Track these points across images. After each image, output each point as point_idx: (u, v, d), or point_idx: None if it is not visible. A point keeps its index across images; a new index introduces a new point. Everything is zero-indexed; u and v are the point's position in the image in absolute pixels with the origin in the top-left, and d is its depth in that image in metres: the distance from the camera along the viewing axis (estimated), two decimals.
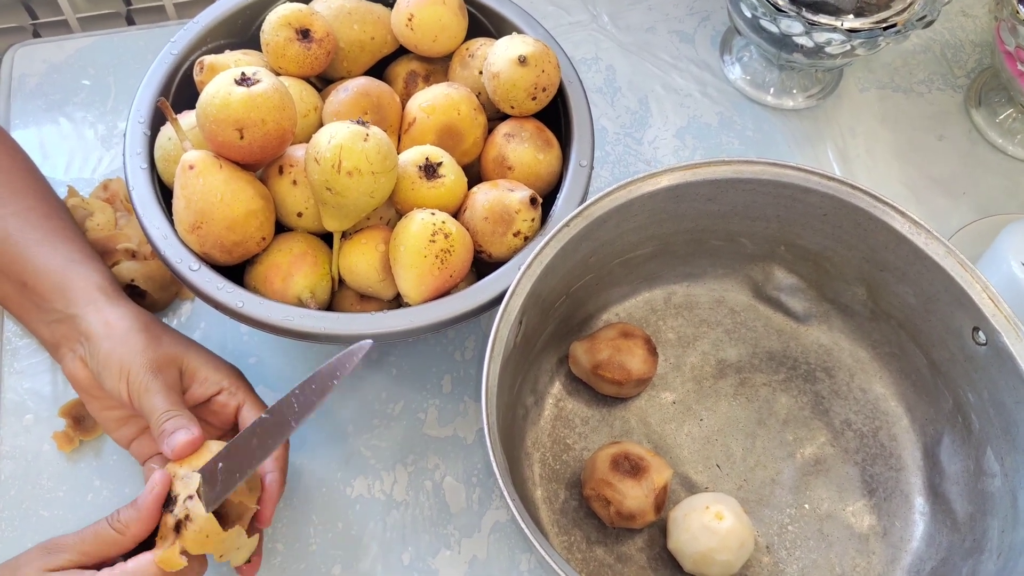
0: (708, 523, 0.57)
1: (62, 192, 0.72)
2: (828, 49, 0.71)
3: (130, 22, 0.85)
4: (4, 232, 0.58)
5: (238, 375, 0.57)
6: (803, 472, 0.64)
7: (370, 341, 0.51)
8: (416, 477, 0.64)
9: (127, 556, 0.49)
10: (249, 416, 0.56)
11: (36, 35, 0.83)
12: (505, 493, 0.48)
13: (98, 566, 0.48)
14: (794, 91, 0.81)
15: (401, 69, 0.66)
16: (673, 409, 0.66)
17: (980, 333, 0.56)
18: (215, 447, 0.52)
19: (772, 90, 0.81)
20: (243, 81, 0.53)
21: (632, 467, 0.58)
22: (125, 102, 0.77)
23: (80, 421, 0.63)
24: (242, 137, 0.53)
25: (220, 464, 0.49)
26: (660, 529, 0.61)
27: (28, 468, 0.62)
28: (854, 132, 0.81)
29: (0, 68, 0.79)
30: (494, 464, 0.49)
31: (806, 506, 0.63)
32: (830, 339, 0.68)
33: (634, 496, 0.58)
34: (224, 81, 0.53)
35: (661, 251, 0.66)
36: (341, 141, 0.53)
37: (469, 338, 0.69)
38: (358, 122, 0.54)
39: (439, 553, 0.61)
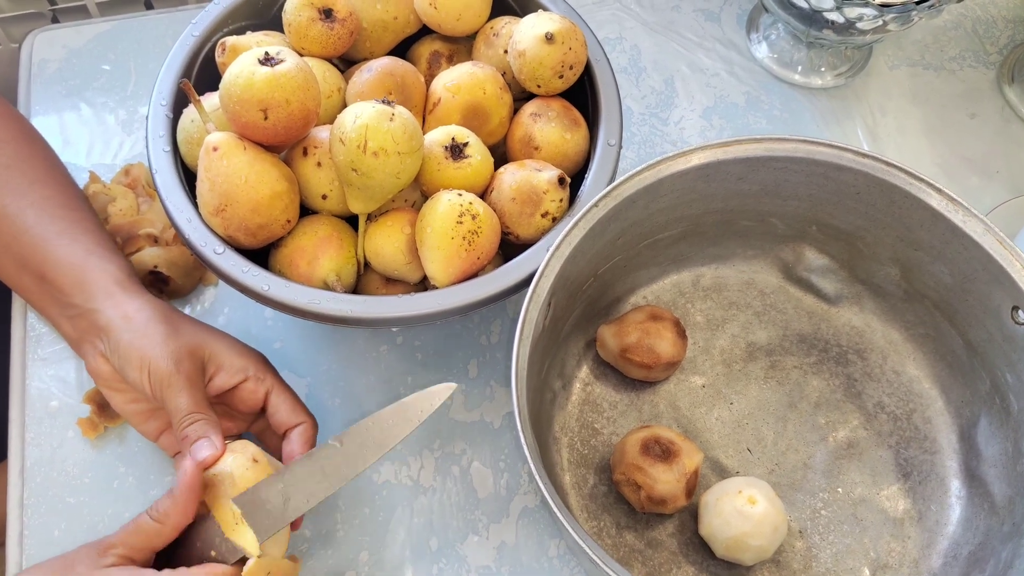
0: (741, 507, 0.56)
1: (83, 178, 0.71)
2: (859, 25, 0.69)
3: (148, 7, 0.84)
4: (24, 224, 0.58)
5: (263, 361, 0.57)
6: (836, 456, 0.63)
7: (454, 385, 0.51)
8: (443, 462, 0.63)
9: (173, 558, 0.49)
10: (278, 403, 0.55)
11: (55, 20, 0.82)
12: (536, 476, 0.48)
13: (149, 562, 0.48)
14: (822, 69, 0.80)
15: (424, 49, 0.65)
16: (703, 393, 0.65)
17: (1020, 312, 0.55)
18: (239, 447, 0.52)
19: (800, 68, 0.80)
20: (267, 61, 0.52)
21: (663, 451, 0.57)
22: (145, 87, 0.77)
23: (104, 408, 0.63)
24: (266, 118, 0.52)
25: (284, 491, 0.49)
26: (691, 514, 0.60)
27: (53, 455, 0.62)
28: (884, 111, 0.79)
29: (20, 54, 0.78)
30: (525, 447, 0.48)
31: (839, 490, 0.62)
32: (862, 321, 0.67)
33: (665, 480, 0.57)
34: (248, 61, 0.52)
35: (690, 232, 0.65)
36: (367, 121, 0.52)
37: (495, 322, 0.68)
38: (383, 102, 0.53)
39: (467, 539, 0.61)
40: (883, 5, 0.66)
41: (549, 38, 0.58)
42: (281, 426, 0.55)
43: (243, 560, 0.48)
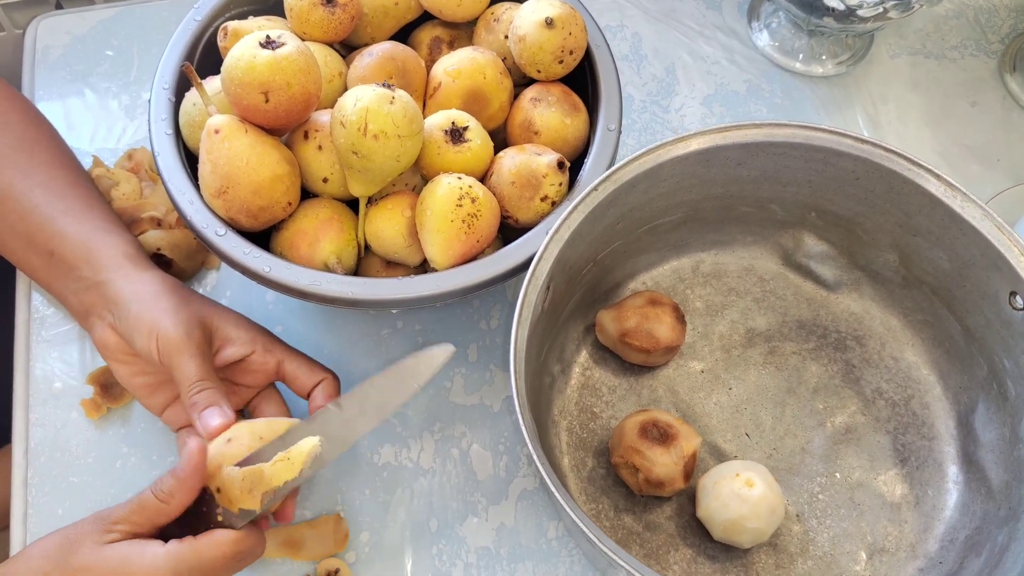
0: (738, 490, 0.56)
1: (87, 162, 0.72)
2: (860, 12, 0.69)
3: None
4: (31, 203, 0.58)
5: (269, 334, 0.57)
6: (834, 441, 0.63)
7: (452, 347, 0.51)
8: (443, 445, 0.63)
9: (178, 523, 0.49)
10: (294, 368, 0.56)
11: (59, 7, 0.83)
12: (535, 457, 0.48)
13: (154, 534, 0.48)
14: (823, 57, 0.80)
15: (425, 35, 0.65)
16: (701, 378, 0.65)
17: (1018, 298, 0.55)
18: (244, 426, 0.52)
19: (801, 57, 0.80)
20: (268, 44, 0.53)
21: (661, 434, 0.58)
22: (148, 73, 0.77)
23: (108, 389, 0.63)
24: (267, 100, 0.53)
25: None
26: (689, 497, 0.61)
27: (57, 435, 0.63)
28: (885, 99, 0.79)
29: (24, 40, 0.79)
30: (523, 428, 0.49)
31: (837, 475, 0.62)
32: (861, 307, 0.67)
33: (663, 463, 0.57)
34: (249, 44, 0.53)
35: (689, 218, 0.65)
36: (367, 104, 0.52)
37: (494, 307, 0.68)
38: (384, 85, 0.53)
39: (466, 520, 0.61)
40: None
41: (549, 23, 0.58)
42: (304, 389, 0.56)
43: (251, 523, 0.49)
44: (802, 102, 0.79)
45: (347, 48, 0.65)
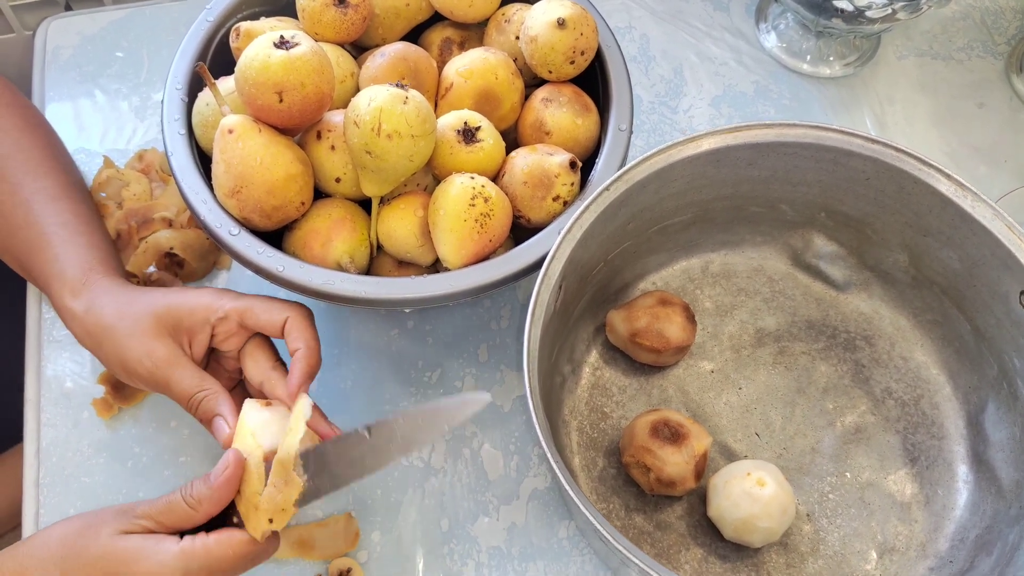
0: (750, 489, 0.56)
1: (97, 163, 0.72)
2: (868, 13, 0.69)
3: None
4: (18, 222, 0.59)
5: (217, 294, 0.55)
6: (843, 440, 0.63)
7: (488, 396, 0.50)
8: (454, 445, 0.63)
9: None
10: (253, 317, 0.53)
11: (68, 8, 0.83)
12: (549, 455, 0.48)
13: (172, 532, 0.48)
14: (831, 59, 0.80)
15: (436, 36, 0.65)
16: (711, 378, 0.66)
17: None
18: (251, 406, 0.51)
19: (808, 58, 0.80)
20: (282, 44, 0.53)
21: (672, 434, 0.58)
22: (158, 74, 0.77)
23: (119, 388, 0.63)
24: (281, 100, 0.53)
25: (312, 471, 0.49)
26: (699, 497, 0.61)
27: (68, 435, 0.63)
28: (892, 100, 0.80)
29: (34, 41, 0.79)
30: (536, 425, 0.49)
31: (847, 474, 0.62)
32: (870, 307, 0.67)
33: (674, 463, 0.57)
34: (263, 44, 0.53)
35: (699, 218, 0.65)
36: (381, 104, 0.52)
37: (505, 307, 0.69)
38: (397, 85, 0.53)
39: (478, 520, 0.61)
40: None
41: (561, 23, 0.58)
42: (275, 331, 0.54)
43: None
44: (810, 103, 0.79)
45: (358, 49, 0.65)
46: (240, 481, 0.48)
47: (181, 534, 0.47)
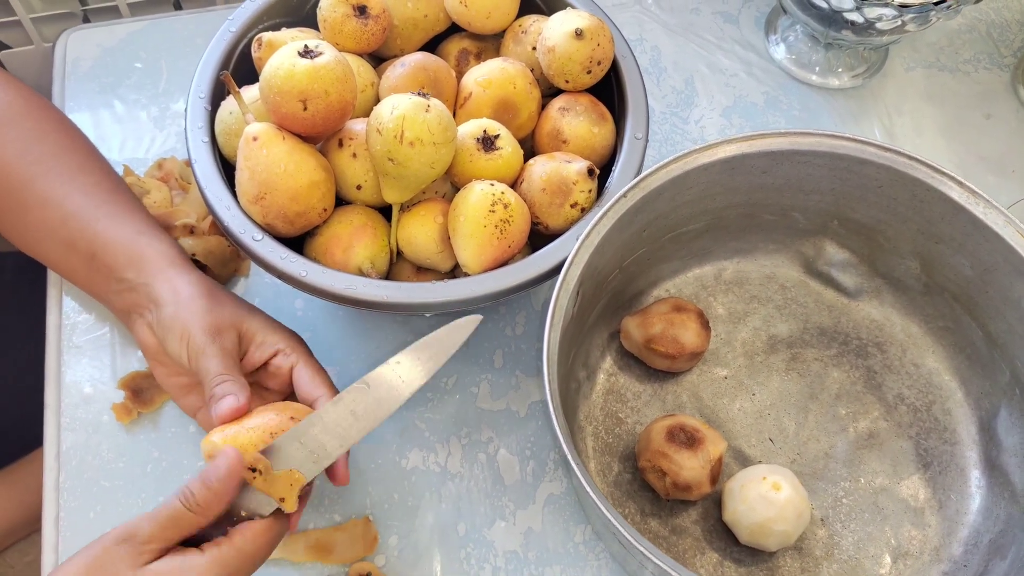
0: (765, 493, 0.57)
1: (118, 172, 0.73)
2: (878, 25, 0.70)
3: (177, 7, 0.86)
4: (71, 208, 0.59)
5: (295, 338, 0.58)
6: (856, 446, 0.64)
7: (479, 317, 0.51)
8: (470, 449, 0.64)
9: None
10: (300, 374, 0.55)
11: (87, 20, 0.84)
12: (569, 457, 0.49)
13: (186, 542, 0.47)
14: (840, 70, 0.81)
15: (453, 47, 0.66)
16: (725, 384, 0.66)
17: None
18: (270, 414, 0.52)
19: (817, 69, 0.81)
20: (307, 53, 0.54)
21: (688, 438, 0.59)
22: (176, 84, 0.78)
23: (138, 393, 0.64)
24: (305, 108, 0.54)
25: (318, 436, 0.49)
26: (714, 502, 0.61)
27: (88, 439, 0.63)
28: (900, 111, 0.81)
29: (54, 53, 0.80)
30: (556, 427, 0.49)
31: (860, 480, 0.63)
32: (881, 314, 0.68)
33: (690, 467, 0.58)
34: (288, 53, 0.54)
35: (713, 226, 0.66)
36: (404, 112, 0.53)
37: (520, 314, 0.69)
38: (419, 94, 0.54)
39: (494, 524, 0.62)
40: (902, 6, 0.68)
41: (579, 34, 0.59)
42: (305, 399, 0.55)
43: (277, 511, 0.49)
44: (819, 114, 0.80)
45: (376, 60, 0.66)
46: (240, 480, 0.48)
47: (185, 542, 0.47)
